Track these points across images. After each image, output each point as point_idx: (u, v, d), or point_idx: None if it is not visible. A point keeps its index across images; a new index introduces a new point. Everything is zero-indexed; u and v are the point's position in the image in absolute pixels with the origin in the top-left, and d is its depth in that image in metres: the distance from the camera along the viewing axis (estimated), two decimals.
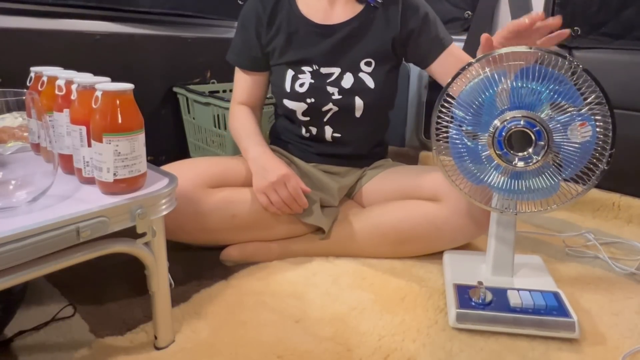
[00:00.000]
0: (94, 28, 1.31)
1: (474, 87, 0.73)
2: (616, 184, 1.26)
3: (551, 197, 0.75)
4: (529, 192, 0.75)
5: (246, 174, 0.98)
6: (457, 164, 0.78)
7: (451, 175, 0.81)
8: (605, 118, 0.69)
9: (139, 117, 0.62)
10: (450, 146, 0.77)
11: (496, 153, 0.73)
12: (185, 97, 1.47)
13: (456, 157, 0.77)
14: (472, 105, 0.74)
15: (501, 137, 0.72)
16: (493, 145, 0.73)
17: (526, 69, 0.70)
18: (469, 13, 1.48)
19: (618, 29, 1.23)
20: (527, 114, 0.70)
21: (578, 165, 0.71)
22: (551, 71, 0.69)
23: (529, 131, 0.70)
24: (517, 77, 0.71)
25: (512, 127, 0.71)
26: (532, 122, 0.70)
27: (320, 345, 0.71)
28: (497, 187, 0.76)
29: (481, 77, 0.73)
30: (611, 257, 1.02)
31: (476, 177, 0.77)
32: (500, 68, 0.71)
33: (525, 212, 0.78)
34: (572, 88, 0.69)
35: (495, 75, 0.72)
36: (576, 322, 0.71)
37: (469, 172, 0.77)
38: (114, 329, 0.73)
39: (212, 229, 0.92)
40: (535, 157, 0.71)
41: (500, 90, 0.72)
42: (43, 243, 0.51)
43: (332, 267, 0.96)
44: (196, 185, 0.89)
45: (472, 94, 0.73)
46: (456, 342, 0.72)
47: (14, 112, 0.61)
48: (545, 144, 0.70)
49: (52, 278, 0.85)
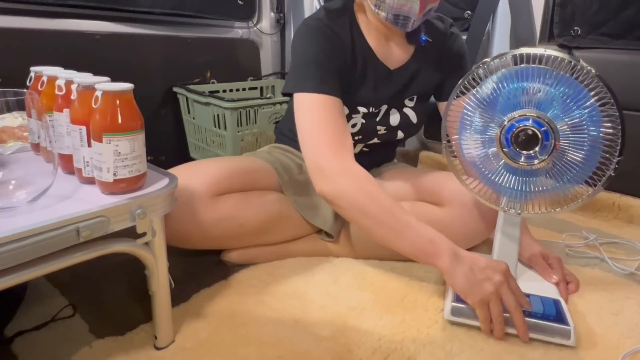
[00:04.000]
0: (94, 28, 1.31)
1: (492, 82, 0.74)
2: (616, 184, 1.26)
3: (556, 199, 0.75)
4: (534, 193, 0.75)
5: (252, 175, 0.96)
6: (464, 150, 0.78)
7: (461, 176, 0.82)
8: (615, 124, 0.69)
9: (139, 117, 0.62)
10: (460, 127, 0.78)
11: (503, 150, 0.73)
12: (185, 97, 1.47)
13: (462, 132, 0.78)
14: (486, 99, 0.74)
15: (509, 134, 0.72)
16: (500, 142, 0.73)
17: (538, 69, 0.70)
18: (469, 13, 1.48)
19: (618, 29, 1.23)
20: (536, 113, 0.71)
21: (580, 174, 0.72)
22: (562, 74, 0.69)
23: (537, 130, 0.70)
24: (529, 77, 0.71)
25: (520, 126, 0.71)
26: (540, 121, 0.70)
27: (320, 345, 0.71)
28: (505, 187, 0.76)
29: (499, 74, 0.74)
30: (611, 257, 1.02)
31: (483, 174, 0.77)
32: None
33: (529, 213, 0.78)
34: (583, 91, 0.69)
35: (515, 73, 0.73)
36: (572, 330, 0.71)
37: (476, 166, 0.77)
38: (114, 329, 0.73)
39: (218, 238, 0.90)
40: (541, 157, 0.71)
41: (514, 89, 0.72)
42: (43, 243, 0.51)
43: (332, 267, 0.96)
44: (202, 195, 0.84)
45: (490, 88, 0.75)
46: (456, 343, 0.72)
47: (14, 112, 0.61)
48: (552, 145, 0.70)
49: (52, 278, 0.85)
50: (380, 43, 0.95)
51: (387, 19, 0.85)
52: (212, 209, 0.86)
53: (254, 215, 0.91)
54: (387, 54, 0.96)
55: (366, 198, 0.77)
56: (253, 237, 0.94)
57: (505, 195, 0.78)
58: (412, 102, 1.02)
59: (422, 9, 0.82)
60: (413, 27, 0.86)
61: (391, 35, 0.95)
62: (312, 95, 0.84)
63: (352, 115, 0.97)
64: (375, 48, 0.94)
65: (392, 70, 0.97)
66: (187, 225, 0.84)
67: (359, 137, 1.00)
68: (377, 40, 0.95)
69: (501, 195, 0.79)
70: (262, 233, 0.94)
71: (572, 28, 1.29)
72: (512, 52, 0.73)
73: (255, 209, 0.92)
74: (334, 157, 0.80)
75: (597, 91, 0.68)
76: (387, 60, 0.96)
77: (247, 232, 0.91)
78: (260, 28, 1.81)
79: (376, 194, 0.77)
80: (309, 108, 0.84)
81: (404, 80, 0.98)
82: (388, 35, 0.95)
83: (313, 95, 0.84)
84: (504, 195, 0.79)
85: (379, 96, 0.97)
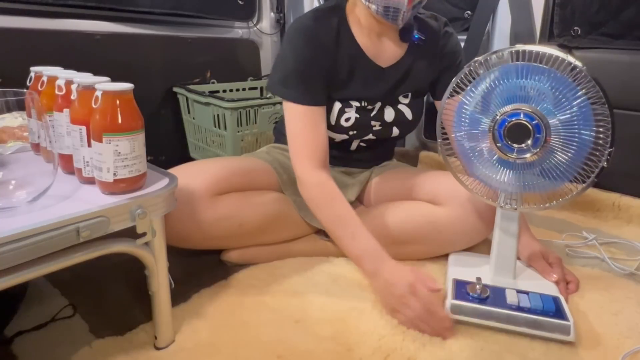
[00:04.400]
0: (94, 28, 1.31)
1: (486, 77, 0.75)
2: (616, 184, 1.26)
3: (550, 193, 0.75)
4: (528, 187, 0.75)
5: (251, 175, 0.96)
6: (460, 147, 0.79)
7: (458, 174, 0.82)
8: (605, 117, 0.69)
9: (139, 117, 0.62)
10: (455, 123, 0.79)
11: (496, 145, 0.74)
12: (185, 97, 1.47)
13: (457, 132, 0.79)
14: (481, 94, 0.75)
15: (502, 128, 0.73)
16: (493, 137, 0.74)
17: (533, 66, 0.71)
18: (468, 13, 1.48)
19: (618, 29, 1.23)
20: (528, 107, 0.71)
21: (570, 169, 0.72)
22: (554, 70, 0.70)
23: (528, 124, 0.71)
24: (523, 73, 0.72)
25: (512, 120, 0.72)
26: (532, 115, 0.71)
27: (320, 345, 0.71)
28: (500, 181, 0.76)
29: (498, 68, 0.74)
30: (611, 257, 1.02)
31: (479, 170, 0.77)
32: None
33: (524, 208, 0.78)
34: (575, 89, 0.69)
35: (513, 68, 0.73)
36: (572, 325, 0.71)
37: (468, 158, 0.78)
38: (114, 329, 0.73)
39: (217, 237, 0.90)
40: (533, 149, 0.72)
41: (508, 85, 0.73)
42: (43, 243, 0.51)
43: (332, 267, 0.96)
44: (202, 195, 0.85)
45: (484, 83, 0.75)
46: (456, 342, 0.72)
47: (14, 112, 0.61)
48: (543, 138, 0.71)
49: (52, 278, 0.85)
50: (372, 41, 0.95)
51: (378, 11, 0.86)
52: (212, 209, 0.86)
53: (253, 215, 0.91)
54: (379, 51, 0.96)
55: (326, 206, 0.88)
56: (253, 237, 0.94)
57: (500, 190, 0.79)
58: (406, 99, 1.02)
59: (410, 0, 0.83)
60: (404, 20, 0.87)
61: (384, 32, 0.95)
62: (294, 105, 0.91)
63: (345, 109, 0.97)
64: (365, 46, 0.95)
65: (384, 68, 0.97)
66: (187, 225, 0.84)
67: (353, 132, 1.00)
68: (369, 39, 0.95)
69: (498, 191, 0.79)
70: (262, 232, 0.94)
71: (572, 28, 1.29)
72: (508, 48, 0.73)
73: (255, 208, 0.92)
74: (305, 164, 0.90)
75: (587, 88, 0.69)
76: (379, 58, 0.96)
77: (247, 232, 0.91)
78: (260, 28, 1.81)
79: (336, 203, 0.87)
80: (292, 117, 0.92)
81: (397, 77, 0.98)
82: (380, 32, 0.95)
83: (295, 106, 0.90)
84: (499, 191, 0.79)
85: (371, 93, 0.98)
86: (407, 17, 0.87)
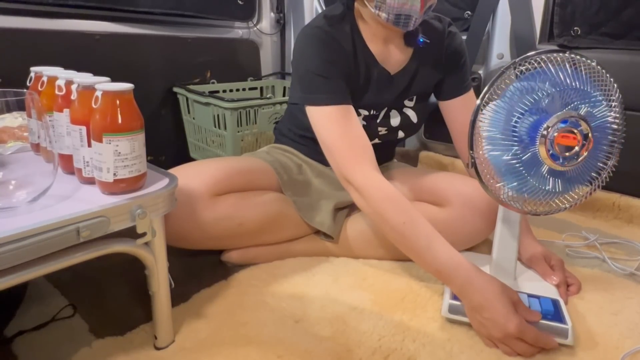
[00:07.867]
0: (94, 28, 1.31)
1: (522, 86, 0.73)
2: (616, 184, 1.26)
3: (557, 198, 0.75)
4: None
5: (251, 175, 0.96)
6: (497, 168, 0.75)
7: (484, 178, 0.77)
8: (621, 117, 0.71)
9: (139, 117, 0.62)
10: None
11: (548, 154, 0.71)
12: (185, 97, 1.47)
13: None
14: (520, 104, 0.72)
15: (553, 137, 0.70)
16: (546, 146, 0.71)
17: (563, 70, 0.70)
18: (468, 13, 1.48)
19: (618, 29, 1.23)
20: (576, 114, 0.70)
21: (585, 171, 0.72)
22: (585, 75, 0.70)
23: (575, 131, 0.70)
24: (560, 80, 0.71)
25: (562, 128, 0.70)
26: (578, 122, 0.70)
27: (320, 345, 0.71)
28: (548, 191, 0.74)
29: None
30: (611, 257, 1.02)
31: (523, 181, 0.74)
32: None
33: (530, 212, 0.77)
34: (594, 87, 0.70)
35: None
36: (570, 329, 0.71)
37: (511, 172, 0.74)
38: (114, 329, 0.73)
39: (217, 237, 0.90)
40: (581, 155, 0.71)
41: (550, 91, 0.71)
42: (43, 243, 0.51)
43: (332, 267, 0.96)
44: (202, 195, 0.85)
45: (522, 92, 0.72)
46: (456, 343, 0.72)
47: (14, 112, 0.61)
48: (589, 141, 0.70)
49: (52, 278, 0.85)
50: (380, 47, 0.94)
51: (388, 19, 0.84)
52: (212, 209, 0.86)
53: (253, 215, 0.91)
54: (387, 57, 0.96)
55: (397, 214, 0.79)
56: (253, 237, 0.94)
57: (546, 199, 0.75)
58: (411, 102, 1.02)
59: (423, 6, 0.82)
60: (415, 25, 0.86)
61: (390, 37, 0.94)
62: (323, 108, 0.85)
63: None
64: (376, 53, 0.94)
65: (393, 75, 0.96)
66: (187, 225, 0.84)
67: None
68: (377, 45, 0.94)
69: (542, 199, 0.75)
70: (262, 232, 0.94)
71: (572, 28, 1.29)
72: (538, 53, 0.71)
73: (255, 208, 0.92)
74: (358, 169, 0.82)
75: (606, 87, 0.70)
76: (387, 64, 0.96)
77: (247, 232, 0.91)
78: (260, 28, 1.80)
79: (403, 207, 0.80)
80: (324, 122, 0.85)
81: (404, 83, 0.98)
82: (387, 38, 0.94)
83: (324, 108, 0.85)
84: (544, 199, 0.75)
85: (381, 100, 0.97)
86: (418, 22, 0.86)
